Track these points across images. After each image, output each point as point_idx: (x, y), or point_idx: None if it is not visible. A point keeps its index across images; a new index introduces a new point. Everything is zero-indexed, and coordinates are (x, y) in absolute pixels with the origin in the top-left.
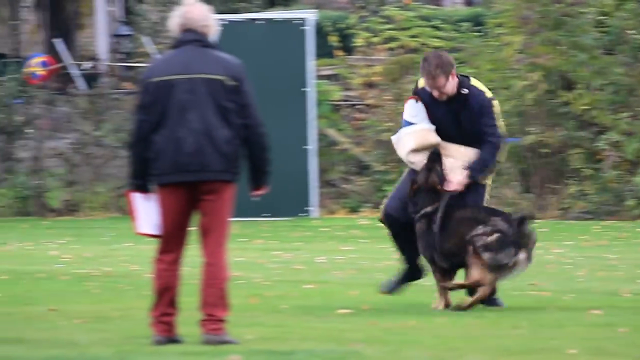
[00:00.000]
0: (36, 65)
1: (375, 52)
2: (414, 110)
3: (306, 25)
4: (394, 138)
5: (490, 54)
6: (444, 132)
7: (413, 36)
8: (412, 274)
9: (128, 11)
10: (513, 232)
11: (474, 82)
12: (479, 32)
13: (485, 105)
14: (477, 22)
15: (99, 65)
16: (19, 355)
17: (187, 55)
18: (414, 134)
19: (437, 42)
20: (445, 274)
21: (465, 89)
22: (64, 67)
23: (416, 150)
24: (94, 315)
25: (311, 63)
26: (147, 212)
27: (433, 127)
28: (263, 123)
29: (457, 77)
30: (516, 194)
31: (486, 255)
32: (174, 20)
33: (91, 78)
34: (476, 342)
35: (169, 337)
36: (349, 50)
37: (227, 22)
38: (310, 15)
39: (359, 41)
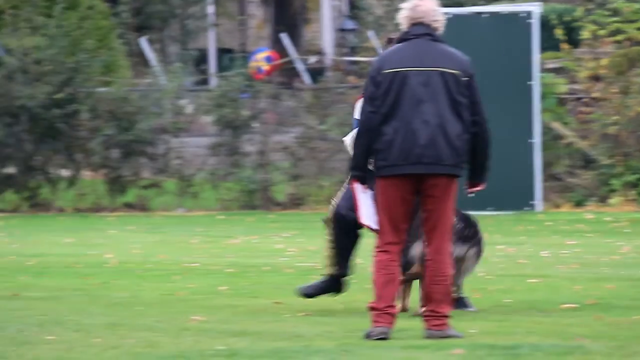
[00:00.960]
0: (261, 60)
1: (602, 44)
2: None
3: (532, 19)
4: (346, 138)
5: None
6: None
7: None
8: (335, 285)
9: (353, 5)
10: (459, 228)
11: None
12: None
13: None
14: None
15: (324, 60)
16: (244, 347)
17: (419, 48)
18: None
19: None
20: None
21: None
22: (289, 62)
23: None
24: (317, 308)
25: (536, 56)
26: (367, 205)
27: None
28: (487, 120)
29: None
30: None
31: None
32: (404, 14)
33: (316, 72)
34: None
35: (390, 329)
36: (574, 43)
37: (452, 16)
38: (536, 8)
39: (585, 34)
